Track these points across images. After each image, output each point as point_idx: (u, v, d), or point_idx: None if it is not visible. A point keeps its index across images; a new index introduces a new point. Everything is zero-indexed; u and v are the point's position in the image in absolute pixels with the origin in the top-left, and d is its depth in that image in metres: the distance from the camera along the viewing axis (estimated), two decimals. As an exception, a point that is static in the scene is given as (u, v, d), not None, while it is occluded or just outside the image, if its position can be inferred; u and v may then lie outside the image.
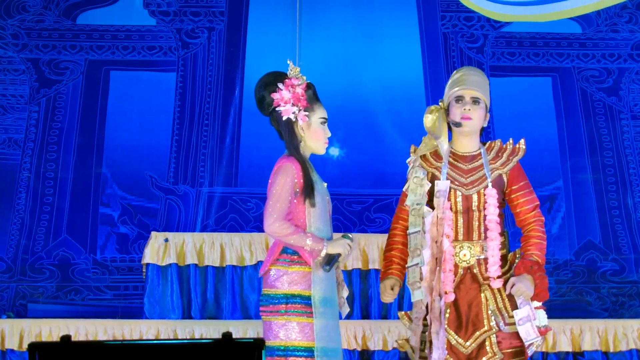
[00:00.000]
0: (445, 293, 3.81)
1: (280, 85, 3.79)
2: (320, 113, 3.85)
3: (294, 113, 3.80)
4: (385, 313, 6.21)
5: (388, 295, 3.94)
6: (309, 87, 3.84)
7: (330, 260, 3.71)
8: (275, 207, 3.71)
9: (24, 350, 5.89)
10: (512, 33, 7.87)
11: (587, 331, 6.02)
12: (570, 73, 7.82)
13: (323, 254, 3.71)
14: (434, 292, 3.78)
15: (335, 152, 7.52)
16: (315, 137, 3.84)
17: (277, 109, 3.80)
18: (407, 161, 4.01)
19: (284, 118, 3.80)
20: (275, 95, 3.80)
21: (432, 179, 3.92)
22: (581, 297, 7.18)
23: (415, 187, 3.90)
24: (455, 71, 4.04)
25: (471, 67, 4.20)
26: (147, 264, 6.20)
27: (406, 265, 3.90)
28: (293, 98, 3.79)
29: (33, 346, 2.79)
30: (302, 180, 3.75)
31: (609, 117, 7.71)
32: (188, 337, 5.82)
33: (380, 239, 6.28)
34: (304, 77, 3.86)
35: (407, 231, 3.89)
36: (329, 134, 3.88)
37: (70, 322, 6.11)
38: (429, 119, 3.94)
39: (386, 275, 3.96)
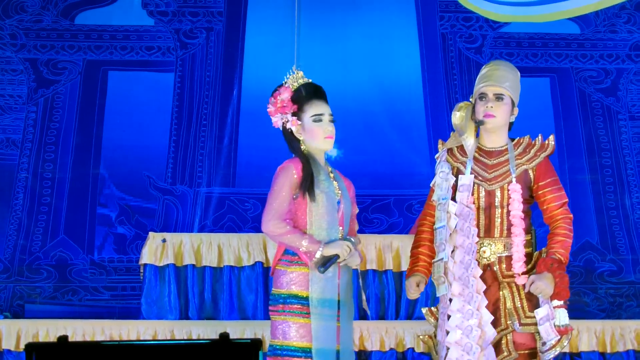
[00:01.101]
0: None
1: (270, 100, 3.87)
2: (312, 111, 3.86)
3: (282, 121, 3.85)
4: (383, 314, 6.21)
5: (414, 292, 3.94)
6: (297, 90, 3.86)
7: (327, 262, 3.70)
8: (271, 207, 3.75)
9: (21, 351, 5.88)
10: (511, 33, 7.87)
11: (585, 332, 6.01)
12: (569, 74, 7.81)
13: (318, 255, 3.71)
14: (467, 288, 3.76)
15: (333, 152, 7.51)
16: (311, 136, 3.87)
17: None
18: (435, 157, 4.01)
19: (280, 128, 3.88)
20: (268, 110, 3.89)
21: (457, 173, 3.91)
22: (579, 298, 7.17)
23: (441, 181, 3.90)
24: (484, 66, 4.02)
25: (500, 61, 4.15)
26: (145, 265, 6.18)
27: (432, 261, 3.89)
28: (277, 108, 3.84)
29: (30, 347, 2.80)
30: (300, 176, 3.76)
31: (607, 118, 7.70)
32: (185, 338, 5.82)
33: (379, 240, 6.27)
34: (308, 80, 3.90)
35: (434, 226, 3.89)
36: (329, 129, 3.88)
37: (68, 322, 6.09)
38: (457, 116, 3.94)
39: (412, 272, 3.96)
